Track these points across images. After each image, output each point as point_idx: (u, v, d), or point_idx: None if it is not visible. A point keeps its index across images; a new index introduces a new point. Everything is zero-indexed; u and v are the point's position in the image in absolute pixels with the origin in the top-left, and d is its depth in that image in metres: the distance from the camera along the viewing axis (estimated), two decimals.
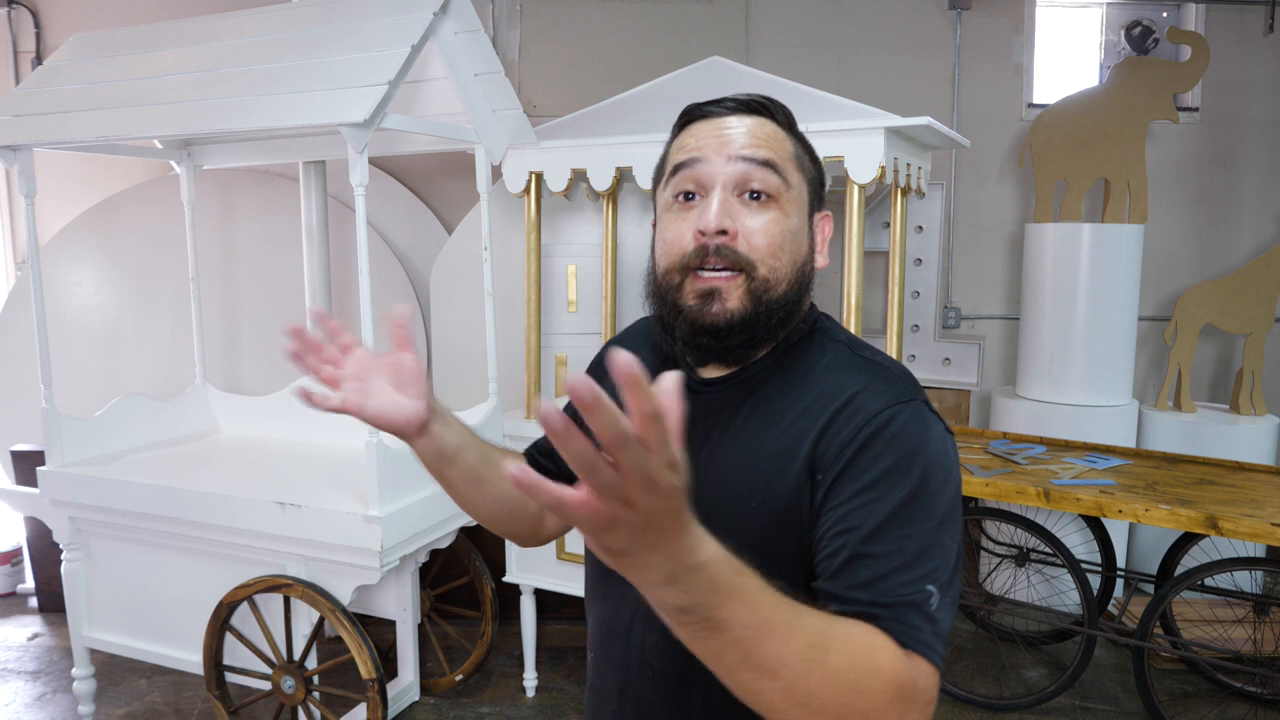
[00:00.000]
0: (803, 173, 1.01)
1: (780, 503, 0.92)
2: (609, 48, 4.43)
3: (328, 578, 2.55)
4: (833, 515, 0.88)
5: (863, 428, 0.89)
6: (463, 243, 3.89)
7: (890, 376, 0.96)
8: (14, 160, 2.75)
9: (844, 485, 0.88)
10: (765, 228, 0.95)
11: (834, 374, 0.97)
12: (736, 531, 0.91)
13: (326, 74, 2.45)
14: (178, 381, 4.02)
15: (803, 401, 0.96)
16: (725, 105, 1.00)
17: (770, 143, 0.98)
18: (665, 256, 0.99)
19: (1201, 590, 2.99)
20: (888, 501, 0.85)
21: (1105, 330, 3.90)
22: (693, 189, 0.98)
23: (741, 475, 0.95)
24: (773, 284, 0.96)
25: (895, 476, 0.86)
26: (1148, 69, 3.99)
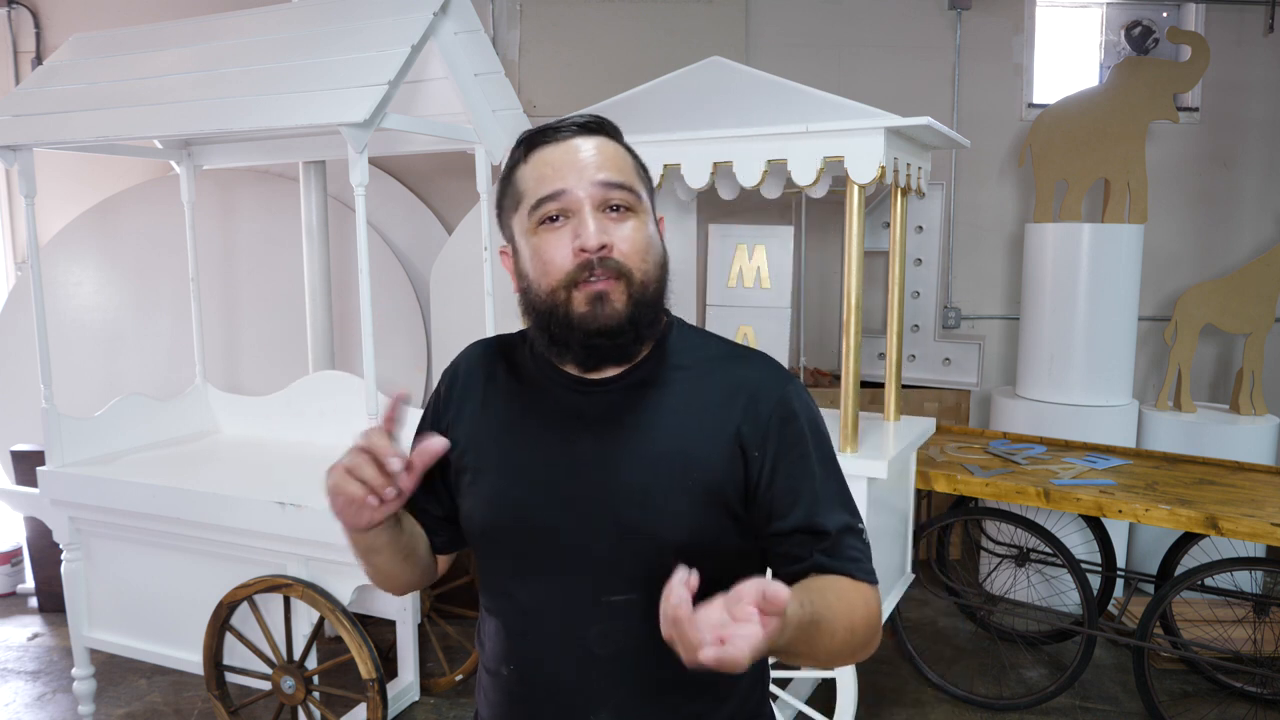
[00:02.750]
0: (644, 183, 1.11)
1: (714, 476, 1.06)
2: (609, 48, 4.43)
3: (328, 578, 2.55)
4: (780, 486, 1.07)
5: (775, 409, 1.09)
6: (463, 243, 3.89)
7: (771, 364, 1.15)
8: (14, 160, 2.75)
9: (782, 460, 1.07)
10: (631, 236, 1.05)
11: (725, 364, 1.13)
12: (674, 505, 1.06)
13: (326, 74, 2.45)
14: (178, 381, 4.01)
15: (708, 389, 1.10)
16: (567, 130, 1.08)
17: (618, 162, 1.08)
18: (547, 276, 1.05)
19: (1201, 590, 2.99)
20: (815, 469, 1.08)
21: (1105, 330, 3.90)
22: (558, 212, 1.05)
23: (673, 458, 1.07)
24: (647, 284, 1.06)
25: (812, 445, 1.10)
26: (1148, 69, 3.99)
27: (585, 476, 1.08)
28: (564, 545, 1.08)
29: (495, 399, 1.17)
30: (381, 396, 2.95)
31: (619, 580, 1.06)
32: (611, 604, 1.06)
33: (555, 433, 1.11)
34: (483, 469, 1.14)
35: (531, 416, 1.13)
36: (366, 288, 2.39)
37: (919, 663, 3.25)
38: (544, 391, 1.13)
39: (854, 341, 2.68)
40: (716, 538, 1.07)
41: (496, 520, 1.12)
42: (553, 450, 1.10)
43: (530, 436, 1.12)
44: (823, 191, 3.08)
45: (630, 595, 1.06)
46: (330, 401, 3.24)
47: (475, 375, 1.20)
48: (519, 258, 1.10)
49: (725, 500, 1.07)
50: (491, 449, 1.14)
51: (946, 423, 4.03)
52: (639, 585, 1.05)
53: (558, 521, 1.08)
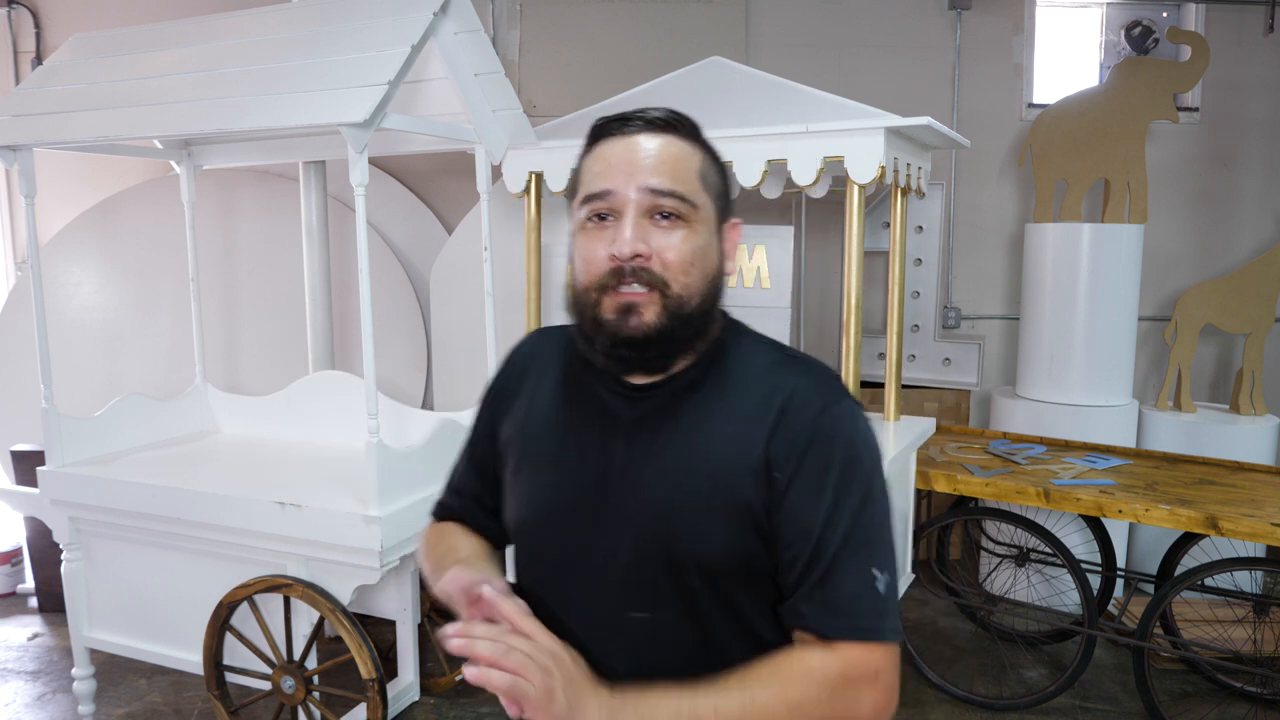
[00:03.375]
0: (709, 190, 1.04)
1: (741, 498, 0.99)
2: (609, 48, 4.43)
3: (328, 578, 2.54)
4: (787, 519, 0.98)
5: (809, 427, 0.99)
6: (463, 243, 3.89)
7: (819, 375, 1.05)
8: (14, 160, 2.75)
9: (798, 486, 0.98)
10: (677, 246, 1.00)
11: (770, 374, 1.04)
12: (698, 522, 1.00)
13: (326, 74, 2.45)
14: (178, 381, 4.01)
15: (749, 400, 1.02)
16: (634, 124, 1.04)
17: (676, 167, 1.01)
18: (584, 275, 1.03)
19: (1201, 590, 2.99)
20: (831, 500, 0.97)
21: (1105, 330, 3.90)
22: (605, 211, 1.02)
23: (698, 475, 1.00)
24: (686, 299, 1.00)
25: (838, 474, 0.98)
26: (1148, 69, 3.99)
27: (614, 485, 1.04)
28: (590, 554, 1.05)
29: (544, 392, 1.14)
30: (382, 397, 2.95)
31: (640, 596, 1.02)
32: (634, 620, 1.02)
33: (593, 435, 1.07)
34: (522, 464, 1.13)
35: (574, 416, 1.10)
36: (366, 288, 2.39)
37: (919, 663, 3.25)
38: (590, 391, 1.09)
39: (854, 341, 2.68)
40: (744, 560, 1.00)
41: (528, 519, 1.11)
42: (588, 454, 1.07)
43: (569, 437, 1.09)
44: (823, 191, 3.08)
45: (649, 613, 1.02)
46: (330, 401, 3.24)
47: (531, 364, 1.19)
48: (573, 247, 1.07)
49: (755, 521, 0.99)
50: (531, 444, 1.12)
51: (946, 423, 4.03)
52: (660, 603, 1.01)
53: (585, 529, 1.05)
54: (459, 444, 1.29)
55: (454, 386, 3.99)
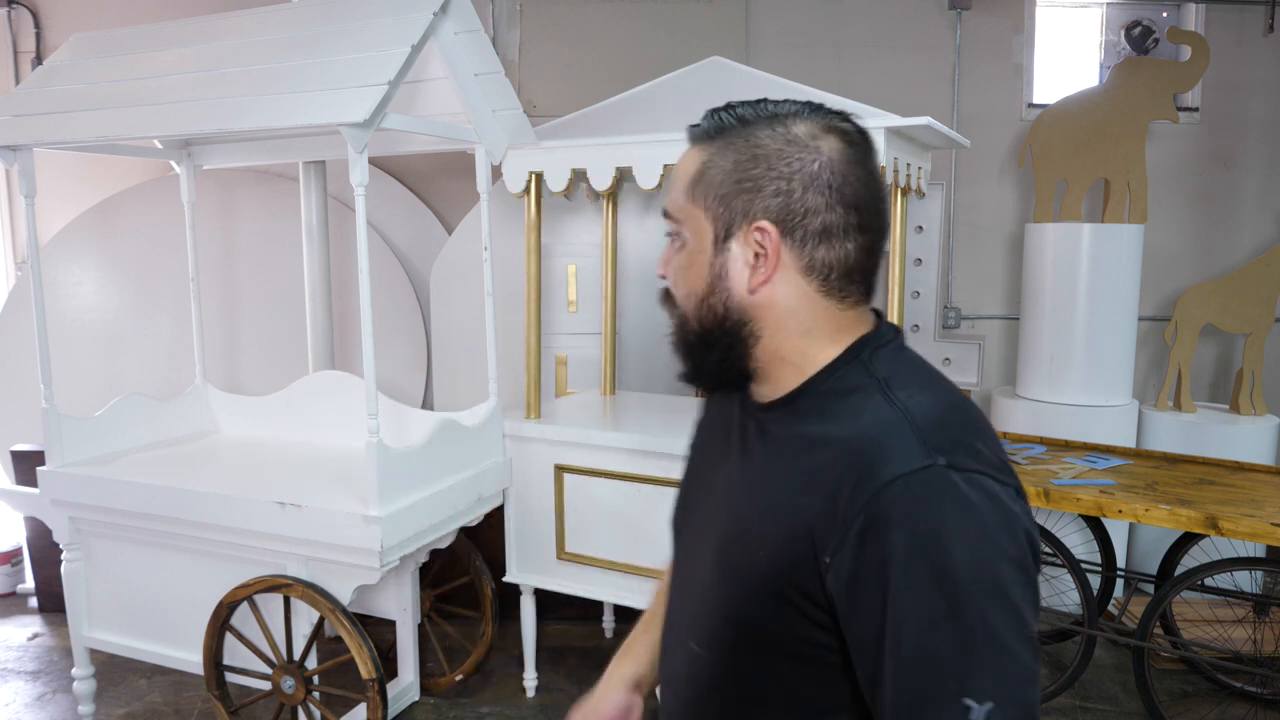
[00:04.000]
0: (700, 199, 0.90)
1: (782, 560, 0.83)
2: (609, 48, 4.43)
3: (328, 578, 2.54)
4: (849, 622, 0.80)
5: (869, 503, 0.77)
6: (463, 243, 3.89)
7: (911, 431, 0.81)
8: (14, 160, 2.75)
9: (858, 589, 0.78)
10: (674, 268, 0.96)
11: (856, 420, 0.85)
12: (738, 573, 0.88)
13: (326, 74, 2.45)
14: (178, 381, 4.02)
15: (823, 451, 0.84)
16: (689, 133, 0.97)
17: (674, 185, 0.94)
18: None
19: (1201, 590, 2.99)
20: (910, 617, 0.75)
21: (1105, 330, 3.90)
22: None
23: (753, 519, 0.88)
24: (687, 319, 0.95)
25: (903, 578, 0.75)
26: (1148, 69, 3.99)
27: (709, 508, 1.00)
28: (686, 575, 1.02)
29: (708, 409, 1.14)
30: (382, 397, 2.95)
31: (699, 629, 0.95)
32: (691, 650, 0.96)
33: (716, 450, 1.04)
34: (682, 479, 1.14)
35: (714, 429, 1.07)
36: (366, 288, 2.39)
37: None
38: (731, 404, 1.04)
39: None
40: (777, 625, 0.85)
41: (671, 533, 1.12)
42: (709, 469, 1.03)
43: (705, 449, 1.09)
44: None
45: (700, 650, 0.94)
46: (330, 401, 3.24)
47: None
48: None
49: (798, 589, 0.83)
50: (690, 456, 1.12)
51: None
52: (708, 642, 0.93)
53: (683, 547, 1.05)
54: (459, 444, 1.30)
55: (454, 386, 3.99)
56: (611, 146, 2.79)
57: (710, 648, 0.92)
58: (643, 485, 2.79)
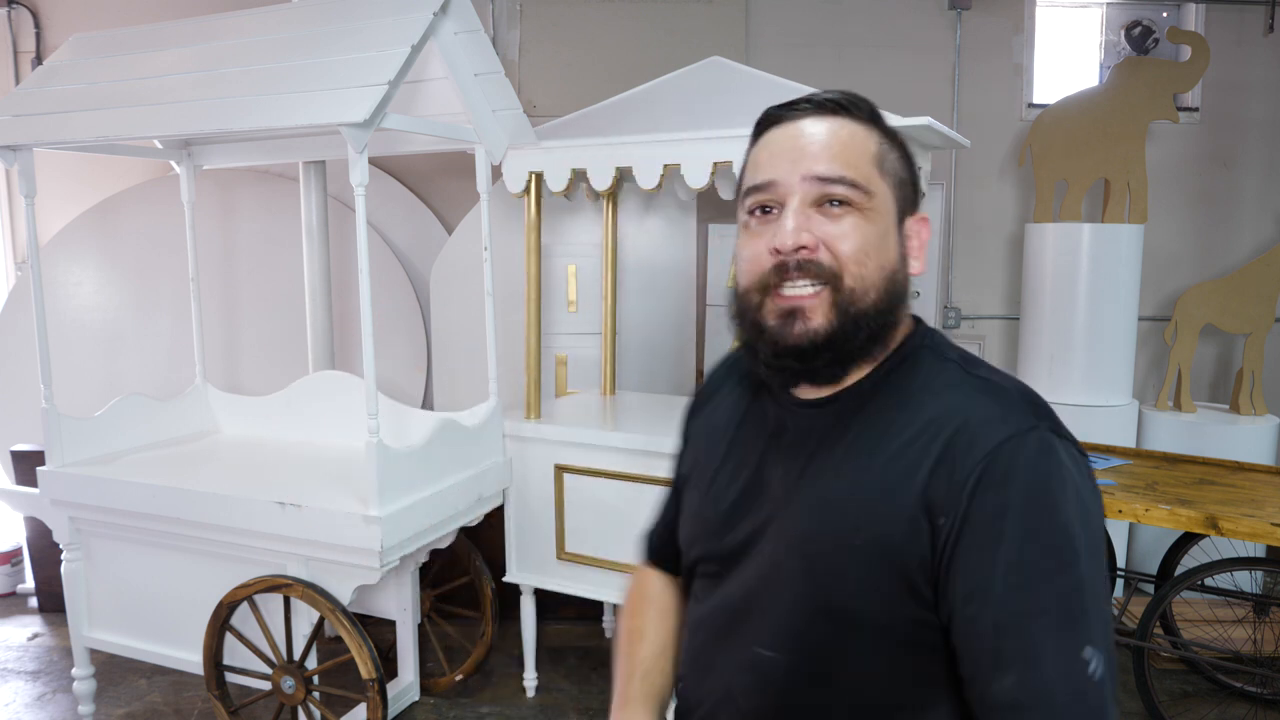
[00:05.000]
0: (886, 175, 0.93)
1: (889, 541, 0.85)
2: (609, 48, 4.43)
3: (328, 578, 2.54)
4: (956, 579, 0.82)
5: (982, 462, 0.82)
6: (463, 243, 3.89)
7: (1007, 399, 0.87)
8: (14, 160, 2.75)
9: (968, 535, 0.82)
10: (848, 234, 0.90)
11: (943, 396, 0.89)
12: (836, 563, 0.88)
13: (326, 74, 2.45)
14: (178, 381, 4.01)
15: (911, 428, 0.88)
16: (800, 108, 0.95)
17: (848, 151, 0.91)
18: (745, 276, 0.95)
19: (1201, 590, 2.99)
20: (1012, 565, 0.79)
21: (1105, 330, 3.90)
22: (768, 202, 0.94)
23: (844, 507, 0.89)
24: (859, 294, 0.90)
25: (1020, 527, 0.80)
26: (1148, 69, 3.99)
27: (763, 509, 0.96)
28: (731, 580, 0.98)
29: (722, 408, 1.09)
30: (382, 397, 2.95)
31: (774, 634, 0.93)
32: (758, 657, 0.94)
33: (754, 453, 1.00)
34: (693, 481, 1.08)
35: (742, 431, 1.04)
36: (366, 288, 2.39)
37: None
38: (760, 405, 1.02)
39: None
40: (884, 611, 0.86)
41: (688, 535, 1.07)
42: (747, 472, 1.00)
43: (734, 453, 1.03)
44: None
45: (776, 654, 0.92)
46: (330, 401, 3.24)
47: (717, 381, 1.15)
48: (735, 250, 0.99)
49: (904, 571, 0.85)
50: (704, 460, 1.07)
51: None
52: (791, 646, 0.92)
53: (730, 553, 0.99)
54: (459, 444, 1.29)
55: (454, 386, 3.99)
56: (611, 146, 2.79)
57: (791, 650, 0.92)
58: (643, 485, 2.79)
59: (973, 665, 0.82)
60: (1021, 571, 0.79)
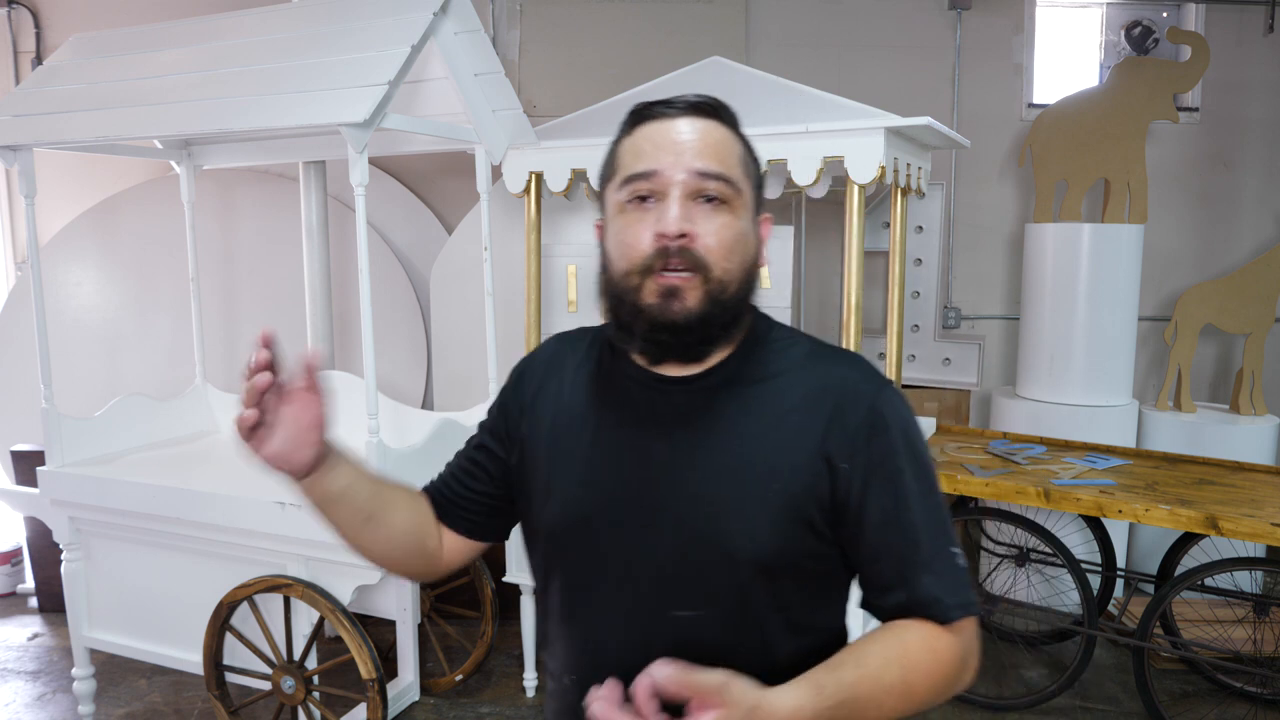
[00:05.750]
0: (749, 178, 1.04)
1: (793, 487, 0.99)
2: (609, 48, 4.43)
3: (328, 578, 2.55)
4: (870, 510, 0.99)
5: (867, 415, 1.01)
6: (463, 243, 3.89)
7: (860, 364, 1.07)
8: (14, 160, 2.75)
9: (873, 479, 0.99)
10: (719, 230, 0.99)
11: (813, 366, 1.05)
12: (751, 518, 1.00)
13: (326, 74, 2.45)
14: (178, 381, 4.01)
15: (793, 393, 1.03)
16: (676, 107, 1.02)
17: (720, 151, 1.01)
18: (624, 259, 1.01)
19: (1201, 590, 2.99)
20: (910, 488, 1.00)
21: (1105, 330, 3.90)
22: (648, 192, 1.00)
23: (745, 465, 1.00)
24: (726, 284, 1.00)
25: (908, 462, 1.00)
26: (1148, 69, 3.99)
27: (657, 482, 1.02)
28: (632, 554, 1.03)
29: (570, 394, 1.12)
30: (382, 397, 2.96)
31: (689, 595, 1.01)
32: (679, 619, 1.01)
33: (629, 433, 1.05)
34: (553, 468, 1.10)
35: (606, 414, 1.08)
36: (366, 288, 2.39)
37: None
38: (621, 388, 1.08)
39: (854, 341, 2.68)
40: (797, 556, 1.00)
41: (564, 523, 1.08)
42: (625, 452, 1.05)
43: (603, 436, 1.07)
44: (823, 191, 3.08)
45: (700, 611, 1.01)
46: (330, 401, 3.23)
47: (551, 368, 1.16)
48: (605, 234, 1.05)
49: (808, 516, 1.00)
50: (562, 447, 1.09)
51: (946, 423, 4.03)
52: (709, 601, 1.00)
53: (626, 529, 1.03)
54: (459, 444, 1.27)
55: (454, 386, 3.99)
56: None
57: (710, 606, 1.01)
58: None
59: (890, 574, 1.00)
60: (915, 498, 1.00)
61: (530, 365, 1.21)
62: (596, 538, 1.05)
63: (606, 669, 1.00)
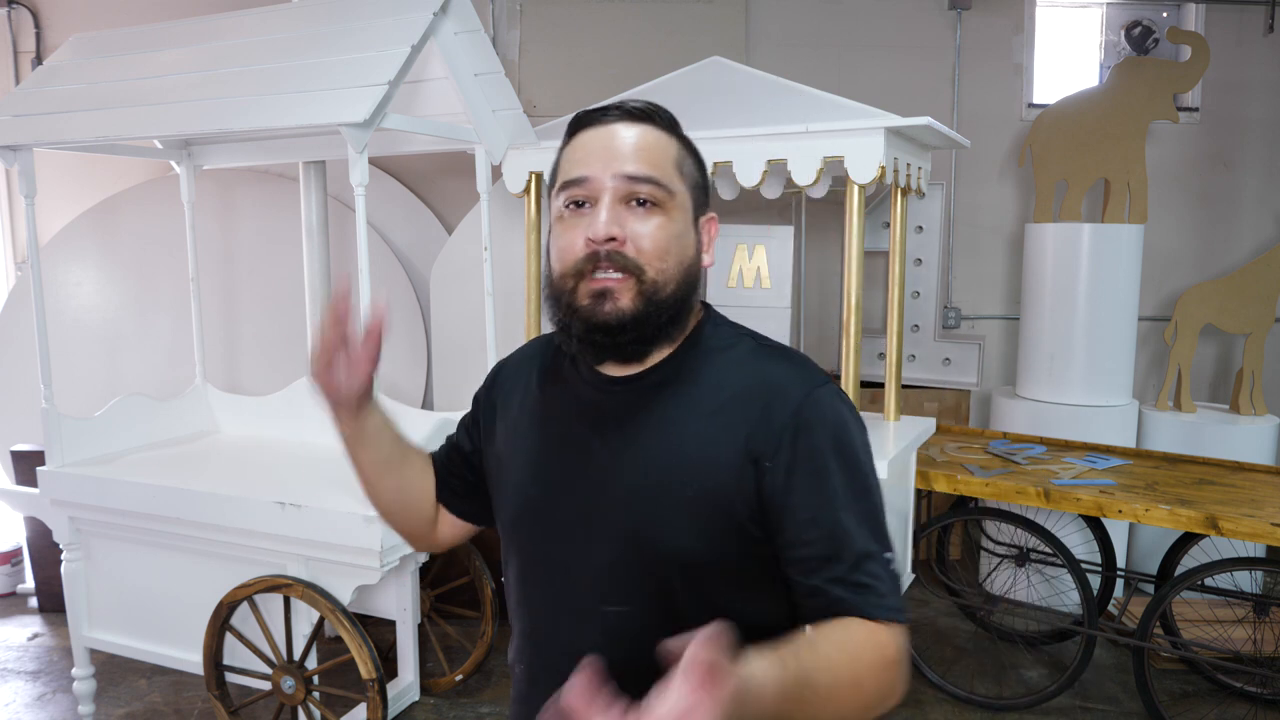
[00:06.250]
0: (685, 179, 1.05)
1: (717, 488, 0.99)
2: (609, 48, 4.43)
3: (328, 578, 2.55)
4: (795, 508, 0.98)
5: (794, 414, 1.00)
6: (463, 243, 3.89)
7: (798, 362, 1.07)
8: (14, 160, 2.75)
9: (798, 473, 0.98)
10: (652, 233, 1.01)
11: (748, 365, 1.05)
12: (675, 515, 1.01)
13: (326, 74, 2.45)
14: (178, 381, 4.01)
15: (725, 391, 1.03)
16: (611, 114, 1.05)
17: (653, 154, 1.02)
18: (559, 262, 1.03)
19: (1201, 590, 2.99)
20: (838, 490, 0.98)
21: (1105, 330, 3.89)
22: (582, 198, 1.02)
23: (670, 463, 1.01)
24: (661, 285, 1.01)
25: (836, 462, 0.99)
26: (1148, 69, 3.99)
27: (593, 478, 1.05)
28: (570, 548, 1.06)
29: (530, 394, 1.17)
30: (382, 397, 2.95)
31: (618, 590, 1.03)
32: (609, 614, 1.03)
33: (573, 431, 1.09)
34: (509, 464, 1.15)
35: (555, 413, 1.12)
36: (366, 288, 2.39)
37: (919, 662, 3.25)
38: (570, 388, 1.11)
39: (854, 341, 2.68)
40: (721, 554, 1.01)
41: (513, 516, 1.13)
42: (568, 449, 1.08)
43: (551, 433, 1.11)
44: (823, 191, 3.08)
45: (627, 607, 1.03)
46: None
47: (520, 370, 1.21)
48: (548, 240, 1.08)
49: (732, 514, 1.00)
50: (518, 444, 1.14)
51: (946, 423, 4.03)
52: (636, 597, 1.02)
53: (565, 523, 1.07)
54: None
55: (454, 386, 3.99)
56: None
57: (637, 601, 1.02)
58: None
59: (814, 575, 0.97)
60: (843, 498, 0.98)
61: (505, 366, 1.26)
62: (540, 533, 1.09)
63: (548, 661, 1.08)
